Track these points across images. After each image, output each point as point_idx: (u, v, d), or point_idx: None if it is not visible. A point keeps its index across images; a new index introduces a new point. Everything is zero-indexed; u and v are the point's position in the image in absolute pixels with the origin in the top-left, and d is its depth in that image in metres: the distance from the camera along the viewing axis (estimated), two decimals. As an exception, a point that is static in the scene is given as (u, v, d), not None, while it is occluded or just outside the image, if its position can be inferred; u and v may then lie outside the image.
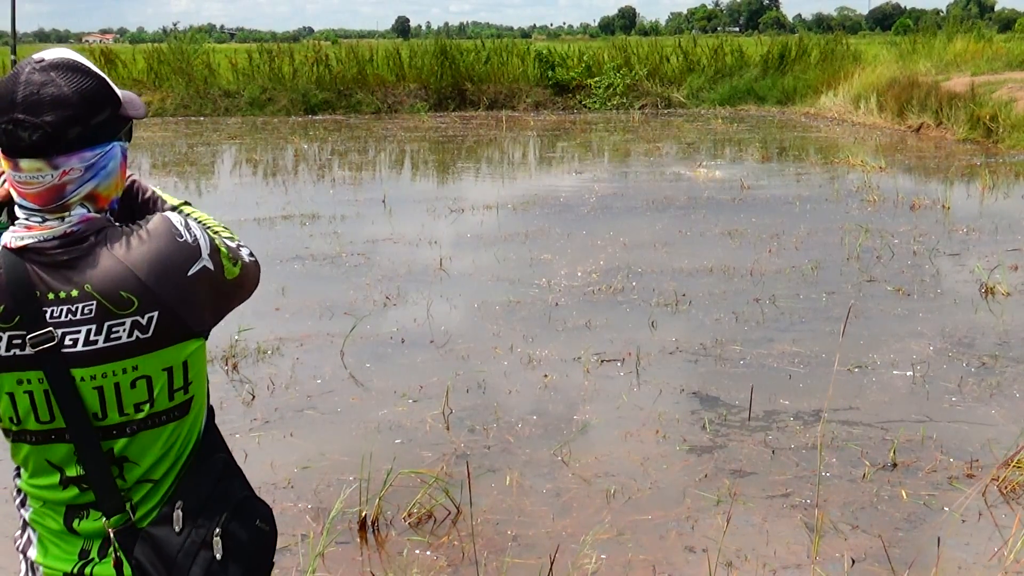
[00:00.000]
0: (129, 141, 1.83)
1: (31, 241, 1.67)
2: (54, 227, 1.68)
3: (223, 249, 1.79)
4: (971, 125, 16.78)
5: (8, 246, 1.68)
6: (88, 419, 1.68)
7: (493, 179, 14.10)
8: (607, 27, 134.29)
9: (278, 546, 3.71)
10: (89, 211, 1.71)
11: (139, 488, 1.74)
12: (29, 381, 1.67)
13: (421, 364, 5.96)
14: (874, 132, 18.86)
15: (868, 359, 5.94)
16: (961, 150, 15.83)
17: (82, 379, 1.66)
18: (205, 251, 1.74)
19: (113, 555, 1.72)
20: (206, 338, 1.80)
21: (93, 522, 1.73)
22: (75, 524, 1.74)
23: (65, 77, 1.67)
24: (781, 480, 4.44)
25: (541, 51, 26.11)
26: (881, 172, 13.36)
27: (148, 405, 1.70)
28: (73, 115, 1.66)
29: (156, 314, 1.66)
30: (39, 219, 1.69)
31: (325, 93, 23.61)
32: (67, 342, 1.65)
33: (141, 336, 1.66)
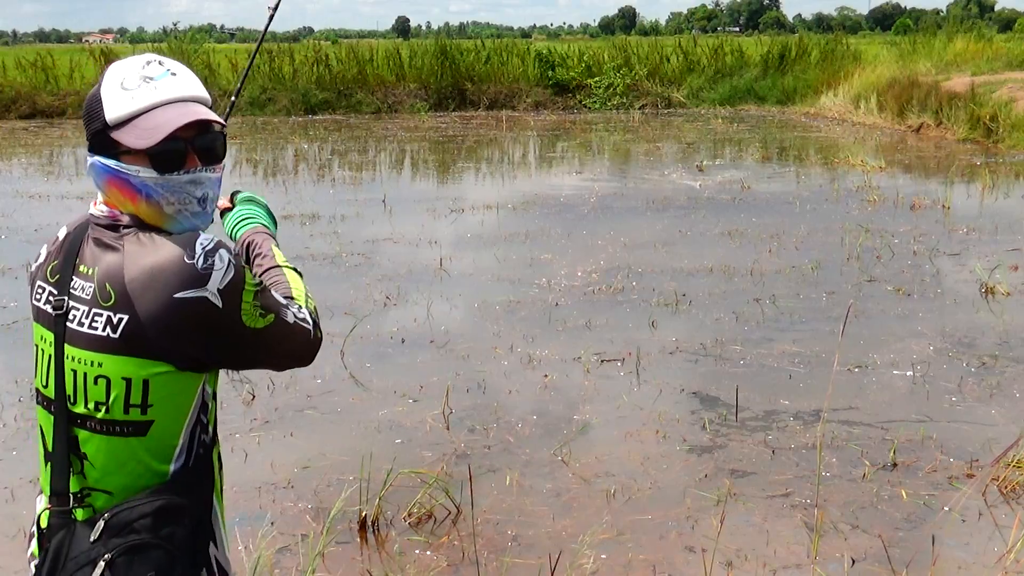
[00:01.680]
0: (167, 172, 1.71)
1: (93, 211, 1.77)
2: (102, 207, 1.76)
3: (251, 296, 1.69)
4: (971, 125, 16.78)
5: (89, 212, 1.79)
6: (65, 397, 1.70)
7: (493, 179, 14.11)
8: (607, 27, 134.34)
9: (278, 545, 3.74)
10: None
11: (96, 495, 1.71)
12: (45, 339, 1.75)
13: (421, 364, 5.96)
14: (874, 132, 18.86)
15: (868, 359, 5.94)
16: (961, 150, 15.82)
17: (69, 357, 1.70)
18: (215, 284, 1.64)
19: (37, 532, 1.75)
20: (193, 371, 1.70)
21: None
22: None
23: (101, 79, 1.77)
24: (781, 480, 4.45)
25: (541, 51, 26.10)
26: (881, 172, 13.36)
27: (104, 409, 1.67)
28: (83, 117, 1.78)
29: (125, 319, 1.63)
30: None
31: (325, 93, 23.61)
32: (70, 316, 1.70)
33: (111, 335, 1.64)
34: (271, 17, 2.66)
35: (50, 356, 1.72)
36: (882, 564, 3.69)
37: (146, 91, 1.72)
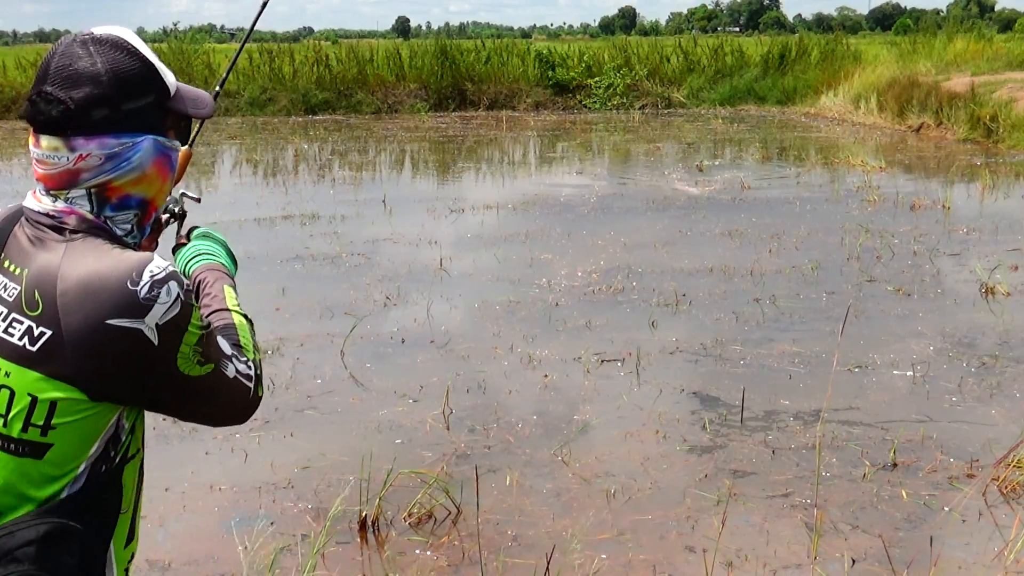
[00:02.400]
0: (185, 143, 1.72)
1: (33, 205, 1.57)
2: (45, 203, 1.56)
3: (193, 340, 1.52)
4: (971, 125, 16.77)
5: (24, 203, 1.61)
6: None
7: (493, 179, 14.11)
8: (607, 27, 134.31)
9: (278, 545, 3.74)
10: (82, 206, 1.56)
11: None
12: None
13: (421, 364, 5.96)
14: (874, 132, 18.86)
15: (868, 359, 5.95)
16: (961, 150, 15.82)
17: None
18: (154, 318, 1.45)
19: None
20: (110, 402, 1.51)
21: None
22: None
23: (105, 53, 1.54)
24: (781, 480, 4.45)
25: (541, 51, 26.11)
26: (881, 172, 13.36)
27: (2, 421, 1.48)
28: (102, 94, 1.53)
29: (49, 334, 1.45)
30: (44, 193, 1.59)
31: (325, 93, 23.61)
32: None
33: (28, 347, 1.46)
34: (263, 5, 2.46)
35: None
36: (882, 564, 3.69)
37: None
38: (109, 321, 1.44)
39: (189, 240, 1.94)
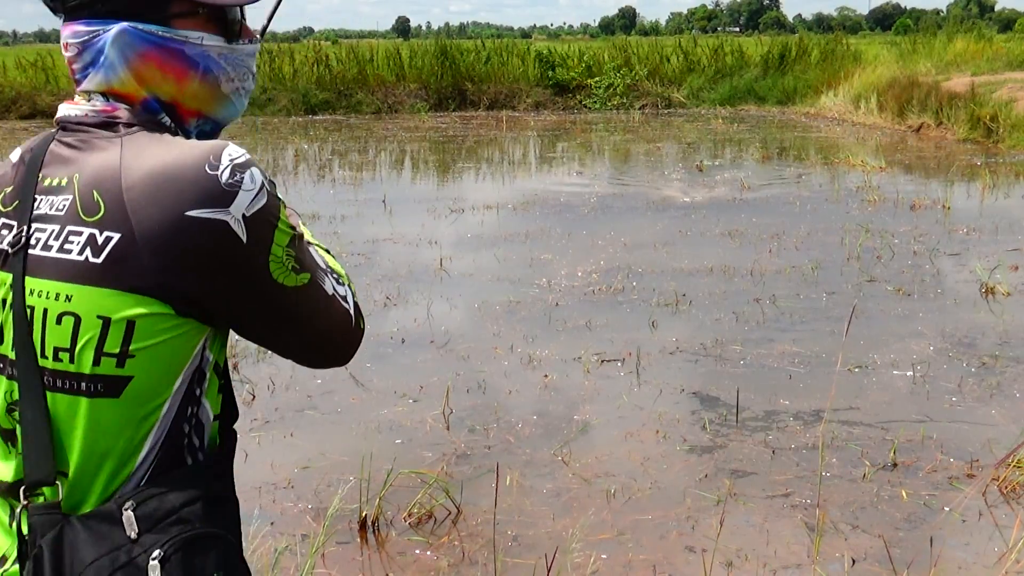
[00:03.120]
0: (231, 39, 1.39)
1: (71, 110, 1.34)
2: (81, 105, 1.33)
3: (285, 240, 1.29)
4: (971, 125, 16.77)
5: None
6: (33, 349, 1.25)
7: (493, 179, 14.11)
8: (607, 27, 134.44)
9: (278, 545, 3.73)
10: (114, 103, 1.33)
11: (64, 477, 1.27)
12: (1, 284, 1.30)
13: (421, 364, 5.96)
14: (874, 132, 18.86)
15: (868, 359, 5.94)
16: (961, 150, 15.82)
17: (30, 292, 1.26)
18: (240, 208, 1.22)
19: (18, 535, 1.26)
20: (196, 320, 1.27)
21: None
22: None
23: None
24: (781, 480, 4.44)
25: (541, 51, 26.14)
26: (881, 172, 13.36)
27: (68, 356, 1.23)
28: None
29: (116, 238, 1.20)
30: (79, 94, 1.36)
31: (325, 93, 23.63)
32: (32, 241, 1.27)
33: (91, 259, 1.22)
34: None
35: (4, 300, 1.28)
36: (883, 564, 3.68)
37: None
38: (189, 212, 1.20)
39: None
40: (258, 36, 1.45)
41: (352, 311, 1.46)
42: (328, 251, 1.51)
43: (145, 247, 1.20)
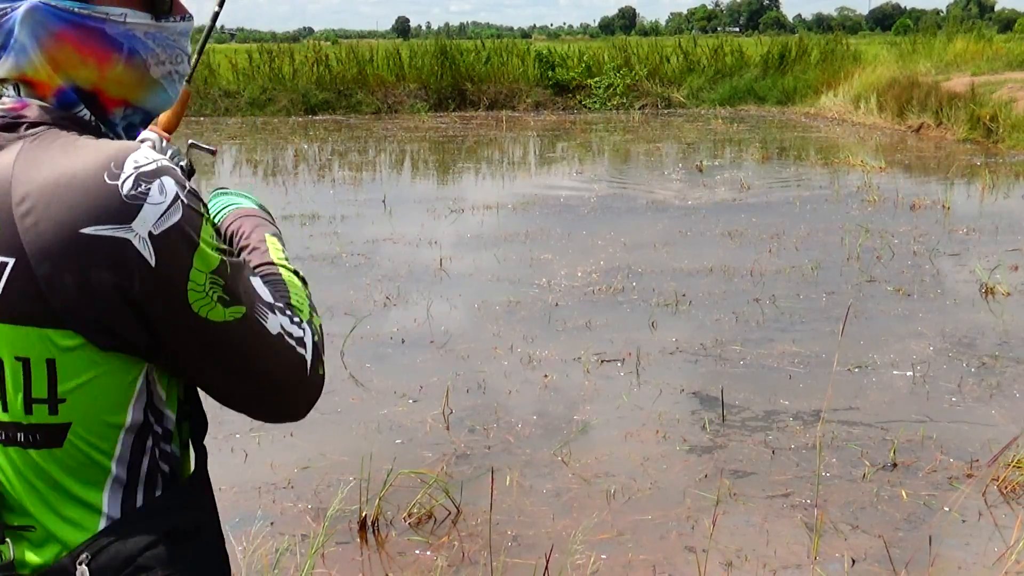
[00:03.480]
0: (165, 15, 1.23)
1: None
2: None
3: (209, 264, 1.11)
4: (971, 125, 16.78)
5: None
6: None
7: (493, 179, 14.11)
8: (607, 27, 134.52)
9: (278, 546, 3.74)
10: (28, 98, 1.16)
11: (17, 535, 1.14)
12: None
13: (421, 364, 5.96)
14: (874, 132, 18.86)
15: (868, 359, 5.95)
16: (961, 150, 15.82)
17: None
18: (145, 223, 1.05)
19: None
20: (122, 352, 1.10)
21: None
22: None
23: None
24: (781, 480, 4.45)
25: (541, 51, 26.14)
26: (881, 172, 13.37)
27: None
28: None
29: (11, 263, 1.04)
30: None
31: (325, 93, 23.61)
32: None
33: None
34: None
35: None
36: (882, 564, 3.69)
37: None
38: (84, 230, 1.03)
39: None
40: (188, 12, 1.26)
41: (308, 355, 1.23)
42: (300, 277, 1.35)
43: (42, 273, 1.04)
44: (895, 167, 14.12)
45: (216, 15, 2.06)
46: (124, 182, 1.05)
